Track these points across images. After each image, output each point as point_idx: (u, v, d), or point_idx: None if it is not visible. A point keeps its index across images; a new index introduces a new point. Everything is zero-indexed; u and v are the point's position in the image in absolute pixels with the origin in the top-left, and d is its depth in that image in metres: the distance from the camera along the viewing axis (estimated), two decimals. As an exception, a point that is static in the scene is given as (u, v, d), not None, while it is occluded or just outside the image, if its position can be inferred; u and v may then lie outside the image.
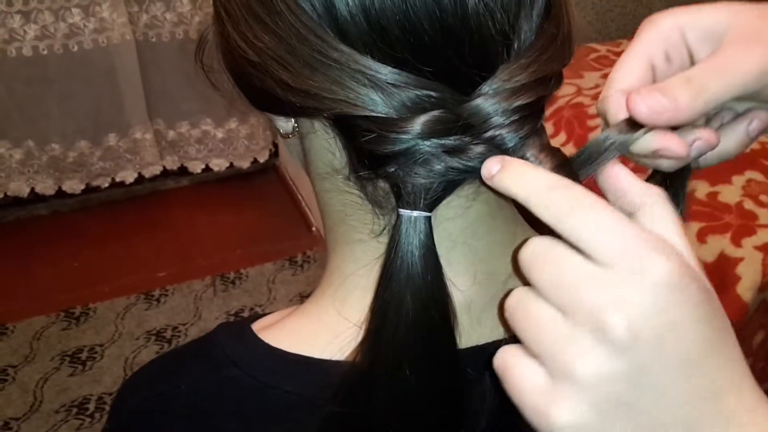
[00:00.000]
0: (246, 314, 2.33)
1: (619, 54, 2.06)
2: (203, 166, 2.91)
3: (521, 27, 0.39)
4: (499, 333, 0.47)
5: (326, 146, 0.44)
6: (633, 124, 0.38)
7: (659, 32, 0.42)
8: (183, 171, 2.92)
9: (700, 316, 0.31)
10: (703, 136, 0.41)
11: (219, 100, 0.49)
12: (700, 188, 1.55)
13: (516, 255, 0.36)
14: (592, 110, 1.80)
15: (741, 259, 1.42)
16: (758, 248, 1.43)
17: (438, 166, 0.39)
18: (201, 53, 0.49)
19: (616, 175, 0.38)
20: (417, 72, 0.38)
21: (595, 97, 1.85)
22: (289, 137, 0.47)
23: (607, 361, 0.31)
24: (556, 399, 0.32)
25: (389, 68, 0.37)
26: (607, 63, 2.02)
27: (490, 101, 0.38)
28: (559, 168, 0.38)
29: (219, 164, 2.92)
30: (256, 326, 0.50)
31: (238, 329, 0.49)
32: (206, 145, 2.87)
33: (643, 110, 0.37)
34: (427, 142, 0.38)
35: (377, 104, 0.37)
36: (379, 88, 0.37)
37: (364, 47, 0.38)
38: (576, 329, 0.32)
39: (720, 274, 1.44)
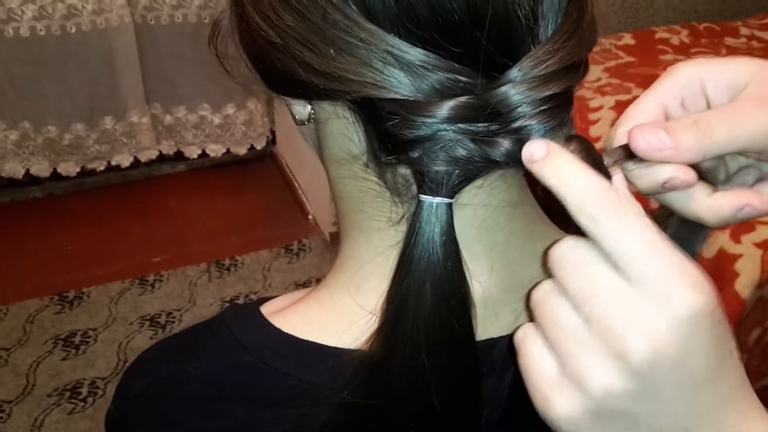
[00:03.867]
0: (241, 301, 2.33)
1: (621, 48, 2.07)
2: (199, 152, 2.90)
3: (547, 11, 0.38)
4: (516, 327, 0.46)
5: (345, 132, 0.43)
6: (631, 155, 0.38)
7: (678, 80, 0.42)
8: (179, 156, 2.90)
9: (712, 347, 0.32)
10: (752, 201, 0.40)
11: (217, 85, 0.48)
12: (701, 184, 1.55)
13: (546, 253, 0.35)
14: (593, 103, 1.79)
15: (740, 256, 1.42)
16: (757, 245, 1.43)
17: (463, 153, 0.38)
18: (215, 38, 0.48)
19: None
20: (445, 54, 0.37)
21: (597, 90, 1.84)
22: (304, 124, 0.46)
23: (619, 381, 0.32)
24: (562, 393, 0.33)
25: (418, 49, 0.36)
26: (610, 56, 2.02)
27: (518, 89, 0.37)
28: (590, 164, 0.37)
29: (215, 150, 2.90)
30: (266, 310, 0.49)
31: (248, 313, 0.48)
32: (203, 131, 2.85)
33: (641, 145, 0.36)
34: (453, 128, 0.37)
35: (405, 86, 0.37)
36: (408, 70, 0.36)
37: (391, 27, 0.37)
38: (596, 342, 0.32)
39: (719, 271, 1.44)
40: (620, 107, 1.77)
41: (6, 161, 2.58)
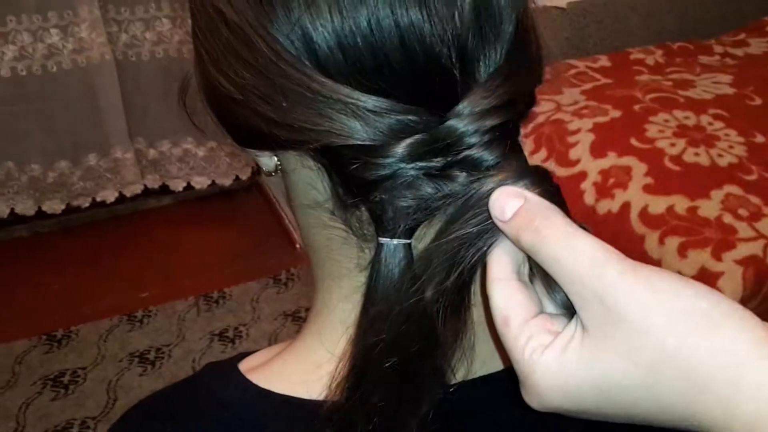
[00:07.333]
0: (230, 334, 2.32)
1: (597, 70, 2.09)
2: (185, 184, 2.90)
3: (488, 53, 0.40)
4: (492, 366, 0.47)
5: (309, 181, 0.44)
6: None
7: None
8: (164, 189, 2.90)
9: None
10: None
11: (200, 119, 0.50)
12: (680, 203, 1.56)
13: None
14: (571, 126, 1.81)
15: (722, 273, 1.44)
16: (738, 262, 1.44)
17: (421, 191, 0.40)
18: (184, 96, 0.49)
19: None
20: (396, 99, 0.38)
21: (575, 113, 1.86)
22: (272, 175, 0.47)
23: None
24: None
25: (371, 97, 0.38)
26: (585, 79, 2.04)
27: (463, 122, 0.38)
28: (545, 195, 0.39)
29: (201, 182, 2.91)
30: (244, 366, 0.49)
31: (226, 371, 0.49)
32: (188, 164, 2.86)
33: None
34: (411, 165, 0.39)
35: (360, 132, 0.38)
36: (360, 117, 0.38)
37: (343, 79, 0.38)
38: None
39: (701, 289, 1.45)
40: (598, 129, 1.79)
41: (-10, 201, 2.57)
